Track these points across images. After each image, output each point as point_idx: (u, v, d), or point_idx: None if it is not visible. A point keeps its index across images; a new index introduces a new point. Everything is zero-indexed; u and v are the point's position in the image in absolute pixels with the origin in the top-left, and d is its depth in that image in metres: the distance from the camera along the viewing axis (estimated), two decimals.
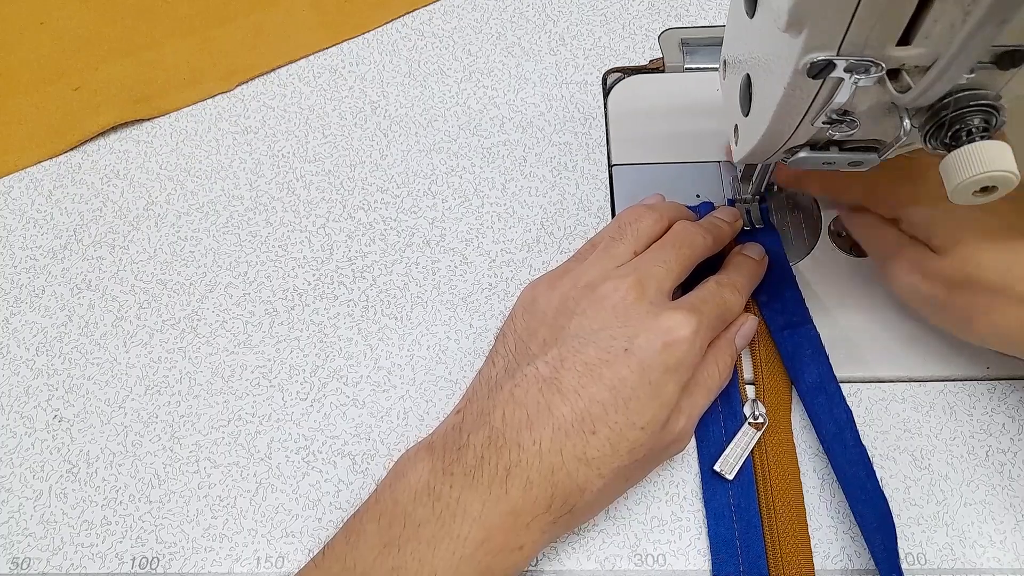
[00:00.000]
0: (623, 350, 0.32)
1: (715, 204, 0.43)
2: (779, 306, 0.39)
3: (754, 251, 0.39)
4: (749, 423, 0.37)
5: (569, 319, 0.34)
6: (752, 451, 0.36)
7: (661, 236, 0.37)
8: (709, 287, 0.36)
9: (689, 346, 0.32)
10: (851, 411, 0.36)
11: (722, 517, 0.35)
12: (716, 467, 0.36)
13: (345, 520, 0.32)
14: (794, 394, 0.38)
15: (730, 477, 0.35)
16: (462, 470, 0.30)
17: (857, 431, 0.36)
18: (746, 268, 0.38)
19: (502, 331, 0.37)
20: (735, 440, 0.36)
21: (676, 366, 0.32)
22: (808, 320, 0.39)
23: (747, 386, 0.38)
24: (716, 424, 0.37)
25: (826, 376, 0.37)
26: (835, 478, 0.36)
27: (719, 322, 0.35)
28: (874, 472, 0.35)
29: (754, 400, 0.37)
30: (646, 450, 0.32)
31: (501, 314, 0.41)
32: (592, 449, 0.30)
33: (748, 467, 0.36)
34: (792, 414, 0.37)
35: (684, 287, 0.37)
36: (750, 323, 0.37)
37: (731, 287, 0.37)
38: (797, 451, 0.37)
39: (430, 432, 0.34)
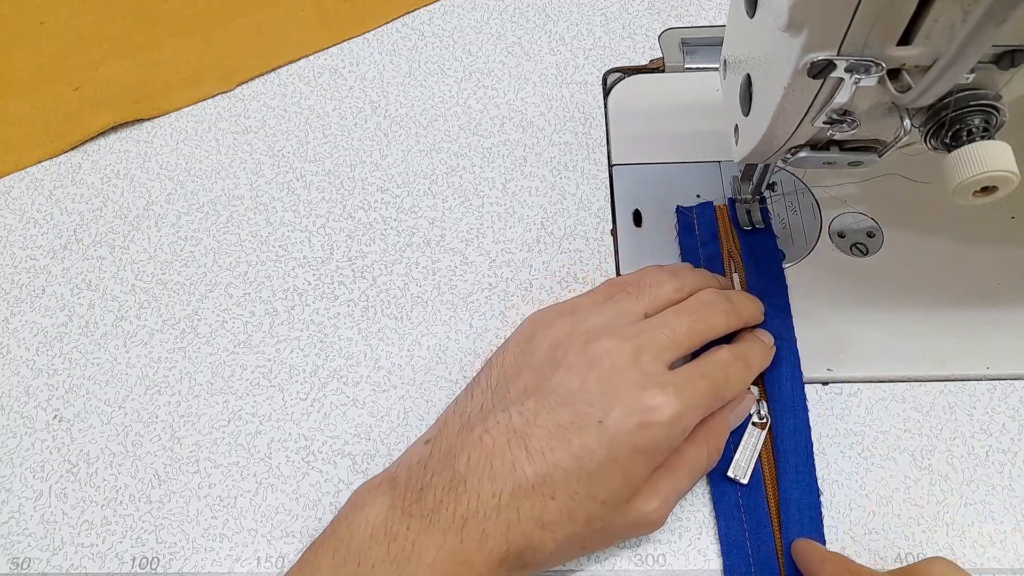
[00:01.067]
0: (596, 421, 0.30)
1: (715, 203, 0.43)
2: (769, 312, 0.39)
3: (766, 337, 0.38)
4: (754, 423, 0.37)
5: (555, 370, 0.32)
6: (760, 452, 0.36)
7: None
8: (719, 357, 0.34)
9: (667, 431, 0.31)
10: (811, 442, 0.36)
11: (732, 518, 0.35)
12: (729, 473, 0.35)
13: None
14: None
15: (744, 481, 0.35)
16: (420, 512, 0.30)
17: (813, 458, 0.36)
18: (760, 348, 0.37)
19: (490, 361, 0.36)
20: (743, 443, 0.36)
21: (649, 449, 0.31)
22: (792, 336, 0.39)
23: (751, 386, 0.38)
24: None
25: (798, 398, 0.37)
26: (834, 479, 0.36)
27: (714, 402, 0.34)
28: (820, 504, 0.35)
29: (758, 400, 0.37)
30: (603, 522, 0.31)
31: (501, 314, 0.41)
32: (549, 513, 0.30)
33: (755, 468, 0.36)
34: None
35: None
36: (747, 402, 0.36)
37: (743, 363, 0.35)
38: None
39: (394, 460, 0.34)
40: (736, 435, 0.36)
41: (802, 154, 0.33)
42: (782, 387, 0.37)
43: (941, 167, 0.28)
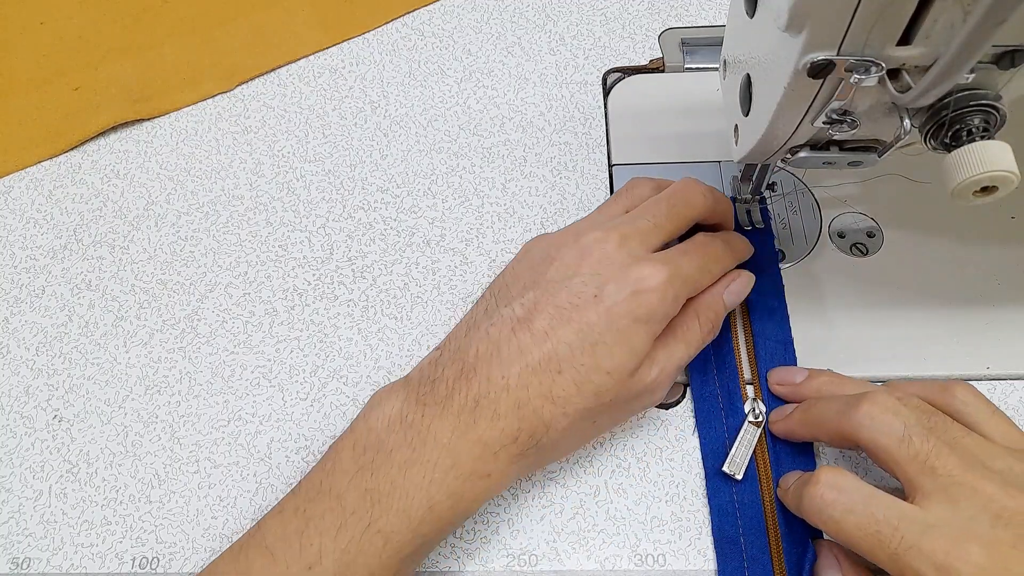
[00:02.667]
0: (592, 296, 0.32)
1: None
2: (764, 314, 0.39)
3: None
4: (749, 422, 0.37)
5: (549, 265, 0.35)
6: (755, 449, 0.36)
7: None
8: (697, 239, 0.36)
9: (659, 297, 0.32)
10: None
11: (726, 514, 0.35)
12: (725, 468, 0.36)
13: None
14: None
15: (739, 477, 0.35)
16: (434, 400, 0.32)
17: (813, 458, 0.36)
18: (739, 239, 0.39)
19: (494, 280, 0.38)
20: (739, 440, 0.36)
21: (645, 316, 0.32)
22: (788, 338, 0.39)
23: (747, 386, 0.38)
24: (718, 421, 0.37)
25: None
26: None
27: (700, 275, 0.35)
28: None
29: (753, 399, 0.37)
30: (612, 395, 0.32)
31: None
32: (558, 388, 0.31)
33: (751, 465, 0.36)
34: None
35: None
36: (742, 280, 0.37)
37: (722, 241, 0.37)
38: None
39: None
40: (731, 429, 0.37)
41: (802, 154, 0.33)
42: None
43: (941, 167, 0.28)
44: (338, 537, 0.29)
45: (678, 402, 0.38)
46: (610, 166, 0.46)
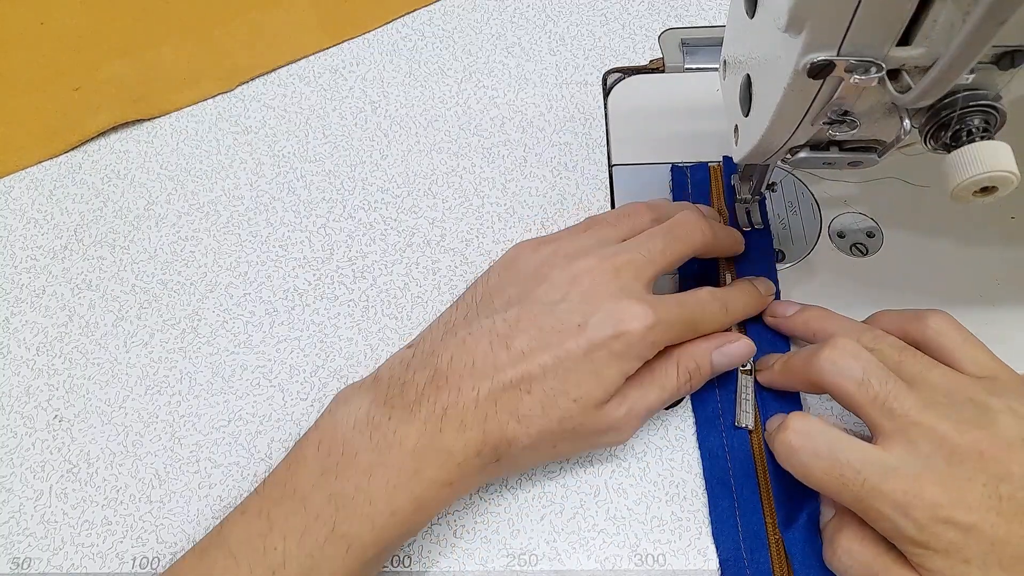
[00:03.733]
0: (576, 325, 0.33)
1: (710, 164, 0.44)
2: (776, 394, 0.38)
3: (763, 286, 0.39)
4: (741, 371, 0.38)
5: (538, 284, 0.35)
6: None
7: None
8: (698, 295, 0.36)
9: (639, 340, 0.33)
10: None
11: (716, 458, 0.36)
12: (737, 423, 0.37)
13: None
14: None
15: (752, 427, 0.36)
16: (402, 404, 0.32)
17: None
18: (747, 295, 0.38)
19: (476, 282, 0.38)
20: (738, 393, 0.37)
21: (622, 353, 0.33)
22: (785, 340, 0.39)
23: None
24: (714, 412, 0.37)
25: (793, 398, 0.37)
26: None
27: (686, 329, 0.35)
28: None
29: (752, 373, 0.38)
30: (576, 423, 0.33)
31: None
32: (524, 407, 0.32)
33: (750, 470, 0.36)
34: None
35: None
36: (738, 346, 0.36)
37: (720, 303, 0.36)
38: None
39: (377, 367, 0.36)
40: (729, 435, 0.37)
41: (802, 154, 0.33)
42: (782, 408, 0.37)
43: (941, 167, 0.28)
44: (302, 541, 0.29)
45: (678, 402, 0.38)
46: (610, 166, 0.46)
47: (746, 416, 0.37)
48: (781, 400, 0.37)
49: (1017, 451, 0.29)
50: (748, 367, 0.38)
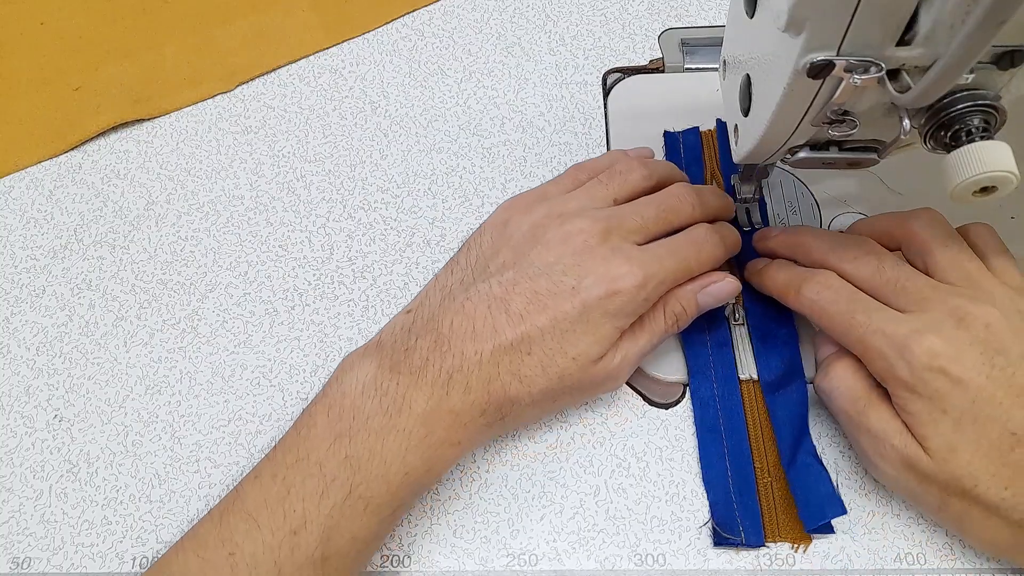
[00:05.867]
0: (571, 287, 0.34)
1: (701, 129, 0.45)
2: (771, 315, 0.39)
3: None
4: (733, 322, 0.39)
5: (532, 247, 0.35)
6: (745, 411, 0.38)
7: (646, 194, 0.38)
8: (694, 234, 0.37)
9: (631, 298, 0.34)
10: (814, 446, 0.37)
11: (707, 406, 0.38)
12: (741, 376, 0.38)
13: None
14: None
15: (756, 376, 0.38)
16: (408, 369, 0.33)
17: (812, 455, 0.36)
18: (733, 231, 0.39)
19: (467, 243, 0.38)
20: (735, 345, 0.39)
21: (616, 312, 0.34)
22: (794, 342, 0.39)
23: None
24: (713, 409, 0.38)
25: (802, 404, 0.37)
26: (833, 478, 0.36)
27: (679, 275, 0.36)
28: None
29: (734, 304, 0.40)
30: (575, 379, 0.34)
31: None
32: (525, 368, 0.33)
33: (730, 360, 0.38)
34: None
35: None
36: (723, 284, 0.37)
37: (718, 237, 0.37)
38: None
39: (377, 332, 0.36)
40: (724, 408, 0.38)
41: (802, 154, 0.33)
42: (785, 393, 0.37)
43: (941, 167, 0.28)
44: (321, 503, 0.30)
45: (678, 402, 0.38)
46: None
47: (747, 367, 0.38)
48: (780, 347, 0.38)
49: (1019, 336, 0.31)
50: (740, 319, 0.39)
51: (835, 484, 0.36)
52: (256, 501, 0.31)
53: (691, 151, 0.45)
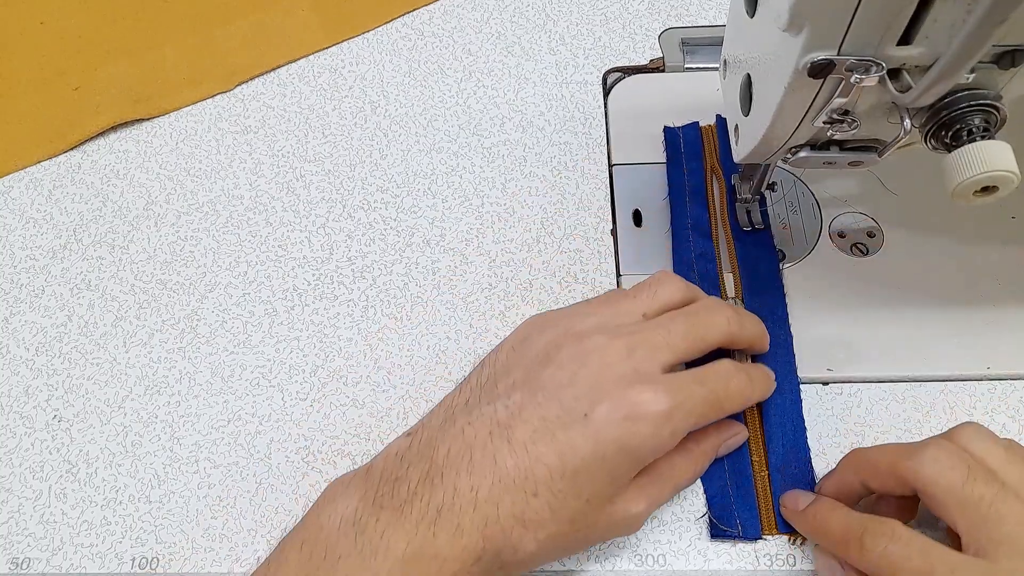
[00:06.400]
0: (582, 415, 0.29)
1: (701, 124, 0.45)
2: (764, 314, 0.39)
3: (769, 372, 0.37)
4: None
5: (544, 367, 0.31)
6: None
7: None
8: (721, 366, 0.33)
9: (654, 429, 0.29)
10: (808, 448, 0.36)
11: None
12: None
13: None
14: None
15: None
16: (392, 504, 0.29)
17: (810, 463, 0.36)
18: (765, 373, 0.36)
19: (483, 361, 0.35)
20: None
21: (634, 447, 0.29)
22: (788, 342, 0.38)
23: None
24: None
25: (795, 404, 0.37)
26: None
27: (710, 411, 0.32)
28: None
29: (732, 298, 0.40)
30: (587, 522, 0.30)
31: (501, 314, 0.41)
32: (531, 511, 0.29)
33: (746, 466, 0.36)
34: None
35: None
36: (739, 438, 0.35)
37: (746, 376, 0.33)
38: None
39: (373, 457, 0.33)
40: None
41: (802, 154, 0.33)
42: (779, 393, 0.37)
43: (941, 167, 0.28)
44: None
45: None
46: (610, 166, 0.46)
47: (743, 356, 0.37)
48: (775, 348, 0.38)
49: None
50: (731, 297, 0.40)
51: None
52: None
53: (691, 146, 0.45)
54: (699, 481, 0.36)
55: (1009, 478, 0.29)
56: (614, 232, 0.43)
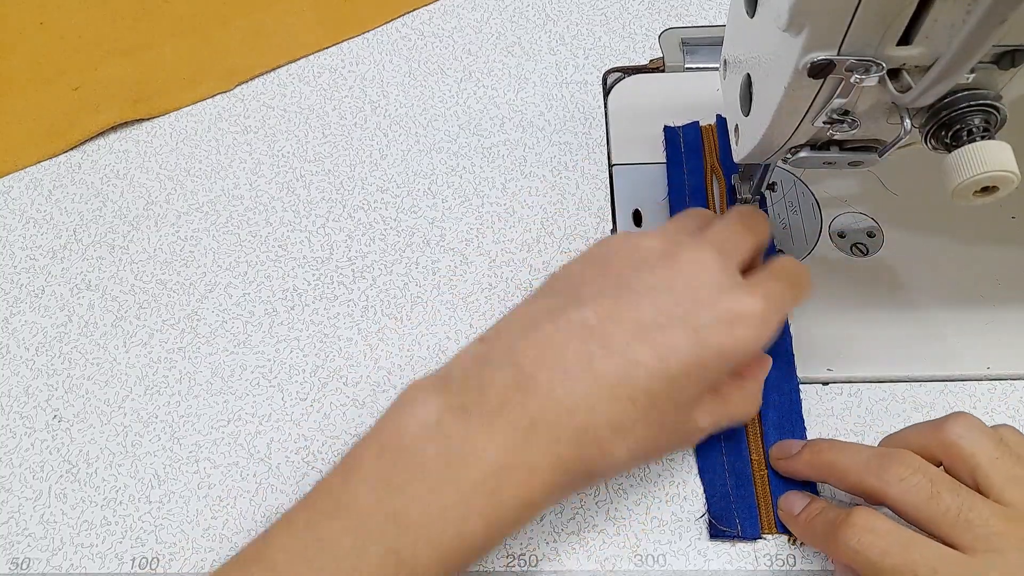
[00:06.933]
0: (681, 317, 0.29)
1: (701, 123, 0.45)
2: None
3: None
4: None
5: (634, 272, 0.30)
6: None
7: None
8: (784, 262, 0.32)
9: (755, 333, 0.29)
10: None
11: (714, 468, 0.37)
12: None
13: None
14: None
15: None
16: (480, 410, 0.27)
17: None
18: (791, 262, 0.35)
19: (554, 274, 0.33)
20: None
21: (735, 352, 0.29)
22: (788, 348, 0.38)
23: None
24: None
25: (795, 404, 0.37)
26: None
27: (791, 302, 0.32)
28: None
29: None
30: (672, 429, 0.29)
31: (501, 313, 0.41)
32: (627, 417, 0.28)
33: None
34: None
35: None
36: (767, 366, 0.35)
37: (801, 267, 0.33)
38: None
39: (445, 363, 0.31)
40: (728, 445, 0.37)
41: (802, 154, 0.33)
42: (779, 393, 0.37)
43: (941, 167, 0.28)
44: (358, 566, 0.26)
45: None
46: (610, 166, 0.46)
47: None
48: (774, 349, 0.37)
49: None
50: None
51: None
52: (285, 554, 0.26)
53: (691, 145, 0.45)
54: (698, 481, 0.36)
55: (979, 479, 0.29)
56: (614, 232, 0.43)
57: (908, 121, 0.28)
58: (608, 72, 0.49)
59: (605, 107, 0.48)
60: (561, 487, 0.28)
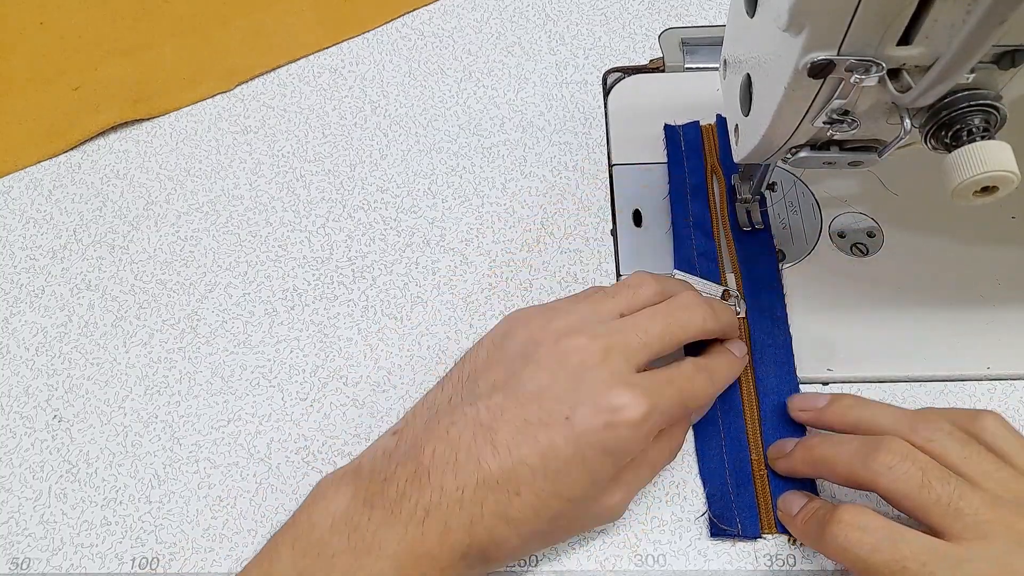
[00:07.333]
0: (564, 418, 0.30)
1: (701, 123, 0.45)
2: (764, 316, 0.39)
3: (738, 349, 0.37)
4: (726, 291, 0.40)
5: (525, 366, 0.32)
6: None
7: None
8: (684, 369, 0.34)
9: (633, 432, 0.30)
10: None
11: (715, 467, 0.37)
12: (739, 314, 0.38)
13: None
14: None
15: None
16: (382, 503, 0.30)
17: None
18: (729, 363, 0.36)
19: (464, 357, 0.35)
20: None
21: (615, 450, 0.30)
22: (787, 342, 0.39)
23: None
24: (715, 427, 0.37)
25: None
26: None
27: (679, 410, 0.33)
28: None
29: (736, 297, 0.40)
30: (568, 519, 0.31)
31: (501, 314, 0.41)
32: (514, 510, 0.30)
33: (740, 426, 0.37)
34: None
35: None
36: (708, 405, 0.37)
37: (708, 376, 0.34)
38: None
39: (360, 453, 0.34)
40: (729, 444, 0.37)
41: (802, 154, 0.33)
42: (778, 394, 0.37)
43: (941, 167, 0.28)
44: None
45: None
46: (610, 166, 0.46)
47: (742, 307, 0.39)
48: (775, 350, 0.38)
49: None
50: (742, 312, 0.40)
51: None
52: None
53: (691, 144, 0.45)
54: (699, 480, 0.36)
55: (976, 465, 0.30)
56: (614, 232, 0.43)
57: (908, 121, 0.28)
58: (608, 72, 0.49)
59: (605, 107, 0.48)
60: (460, 572, 0.30)
